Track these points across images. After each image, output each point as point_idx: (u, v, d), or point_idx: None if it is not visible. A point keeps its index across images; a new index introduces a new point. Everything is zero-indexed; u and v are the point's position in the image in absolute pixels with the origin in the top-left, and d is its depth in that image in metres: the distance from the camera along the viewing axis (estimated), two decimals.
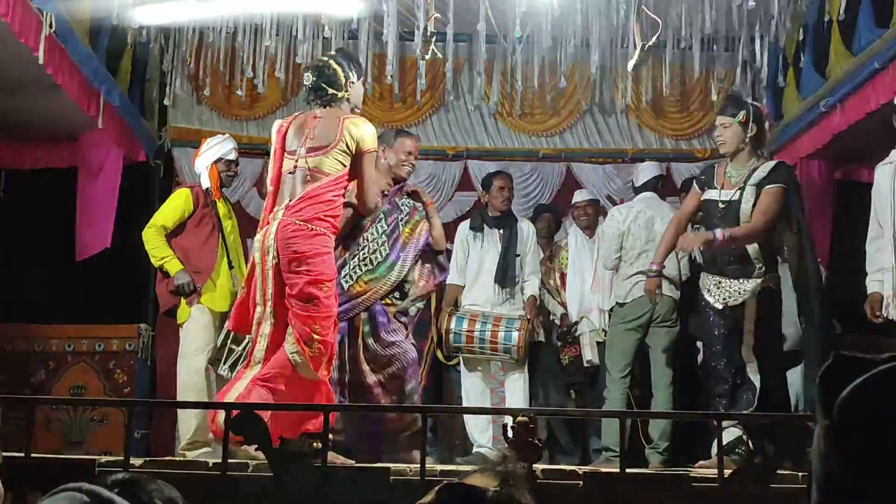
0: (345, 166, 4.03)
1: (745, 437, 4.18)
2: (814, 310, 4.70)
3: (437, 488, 1.30)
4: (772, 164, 4.58)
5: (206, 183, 5.09)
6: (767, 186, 4.46)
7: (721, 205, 4.55)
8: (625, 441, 3.50)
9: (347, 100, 4.15)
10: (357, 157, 4.03)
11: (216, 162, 5.13)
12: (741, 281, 4.54)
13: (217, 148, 5.17)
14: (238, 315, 4.17)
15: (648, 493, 3.27)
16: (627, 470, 3.06)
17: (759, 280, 4.51)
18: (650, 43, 4.44)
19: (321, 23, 6.29)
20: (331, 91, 4.10)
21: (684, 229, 4.81)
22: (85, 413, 6.32)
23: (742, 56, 6.66)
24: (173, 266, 4.93)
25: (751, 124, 4.49)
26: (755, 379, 4.50)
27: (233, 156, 5.22)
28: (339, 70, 4.11)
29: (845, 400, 0.91)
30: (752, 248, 4.51)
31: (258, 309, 3.99)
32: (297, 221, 3.91)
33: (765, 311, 4.53)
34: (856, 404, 0.91)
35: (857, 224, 4.96)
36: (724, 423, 4.17)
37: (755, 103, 4.79)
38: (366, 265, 4.52)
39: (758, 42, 6.23)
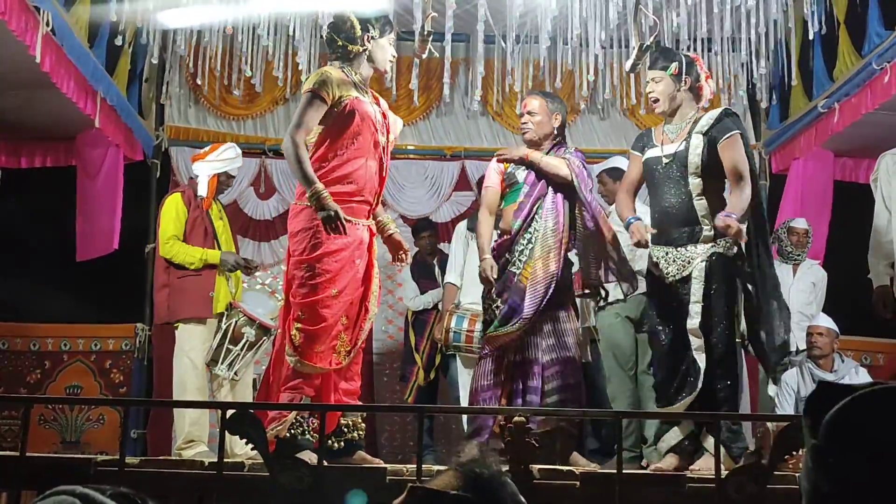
0: (322, 126, 3.65)
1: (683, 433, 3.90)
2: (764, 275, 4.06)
3: (407, 489, 1.32)
4: (716, 111, 4.09)
5: (202, 190, 5.05)
6: (723, 139, 3.97)
7: (665, 159, 4.06)
8: (622, 440, 3.50)
9: (369, 58, 3.78)
10: None
11: (219, 173, 5.12)
12: (689, 248, 3.98)
13: (226, 163, 5.12)
14: None
15: (646, 494, 3.27)
16: (625, 470, 3.05)
17: (708, 244, 3.95)
18: (648, 43, 4.38)
19: (319, 22, 6.28)
20: (340, 43, 3.72)
21: (633, 198, 4.37)
22: (81, 413, 6.31)
23: (744, 56, 6.65)
24: (213, 255, 4.91)
25: (683, 76, 4.10)
26: (700, 359, 3.89)
27: (236, 172, 5.26)
28: (355, 23, 3.70)
29: (830, 421, 1.02)
30: (700, 205, 3.97)
31: None
32: (294, 201, 3.76)
33: (715, 279, 3.92)
34: (840, 425, 1.01)
35: (854, 224, 4.94)
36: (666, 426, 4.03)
37: (687, 54, 4.40)
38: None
39: (755, 43, 6.21)
